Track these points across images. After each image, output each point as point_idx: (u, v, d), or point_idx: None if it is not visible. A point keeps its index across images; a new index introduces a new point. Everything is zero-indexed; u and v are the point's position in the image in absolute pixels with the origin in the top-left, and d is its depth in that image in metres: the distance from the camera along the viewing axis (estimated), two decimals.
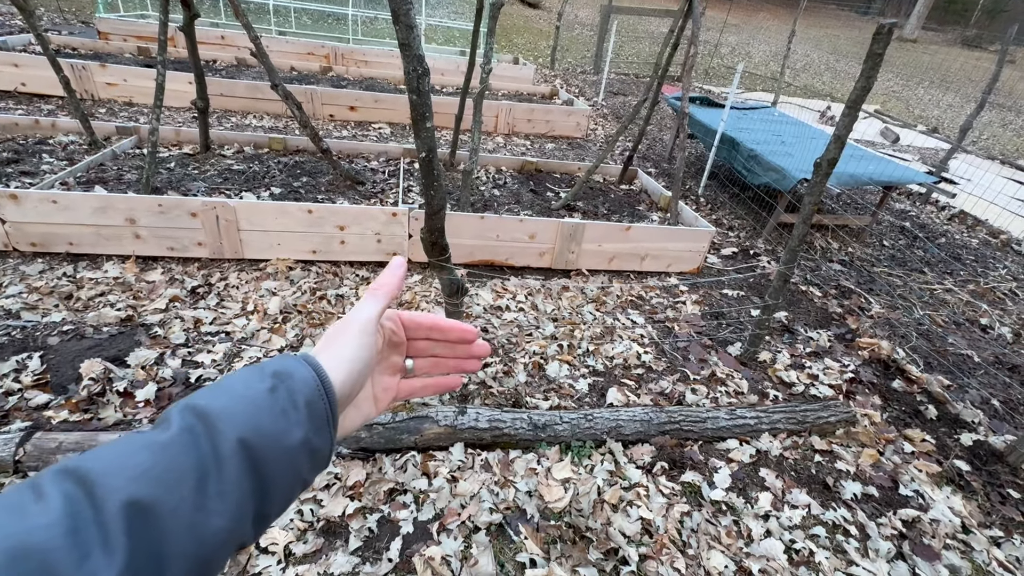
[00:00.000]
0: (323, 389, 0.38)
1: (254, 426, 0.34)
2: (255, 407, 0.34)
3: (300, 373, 0.37)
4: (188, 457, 0.31)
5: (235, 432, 0.33)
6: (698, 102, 5.37)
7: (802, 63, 14.42)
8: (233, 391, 0.35)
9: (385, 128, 5.36)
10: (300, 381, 0.37)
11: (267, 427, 0.34)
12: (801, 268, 3.62)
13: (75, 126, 3.57)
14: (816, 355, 2.73)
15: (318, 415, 0.37)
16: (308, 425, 0.36)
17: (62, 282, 2.46)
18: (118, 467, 0.29)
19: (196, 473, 0.31)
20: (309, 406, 0.37)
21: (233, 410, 0.34)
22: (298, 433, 0.35)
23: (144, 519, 0.28)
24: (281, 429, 0.35)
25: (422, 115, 1.62)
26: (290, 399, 0.36)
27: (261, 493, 0.34)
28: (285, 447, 0.35)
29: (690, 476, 1.95)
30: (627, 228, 3.12)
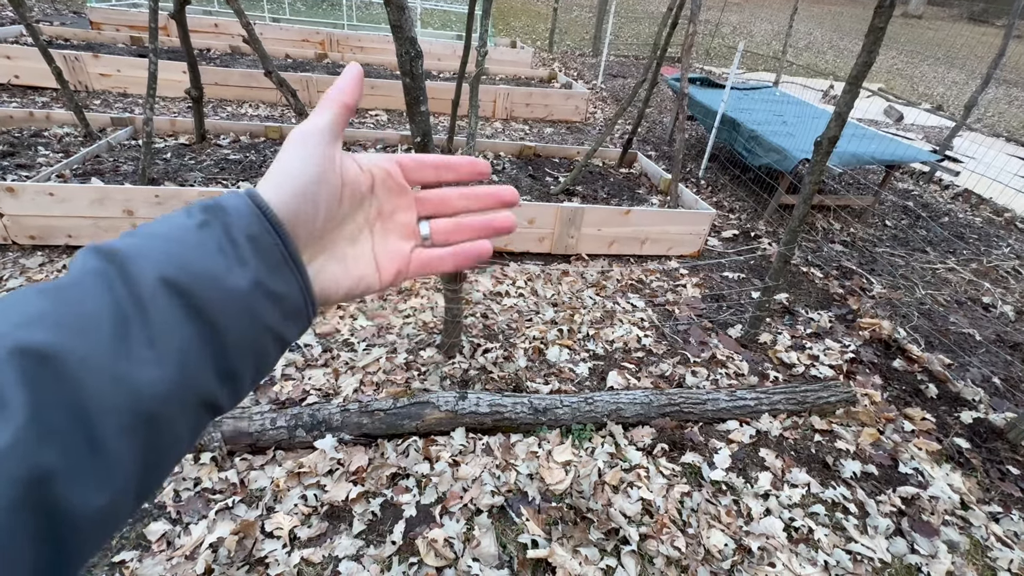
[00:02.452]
0: (266, 220, 0.32)
1: (180, 264, 0.28)
2: (180, 244, 0.29)
3: (233, 204, 0.31)
4: (96, 301, 0.26)
5: (155, 271, 0.27)
6: (698, 83, 5.30)
7: (804, 42, 14.19)
8: (152, 231, 0.30)
9: (382, 115, 5.31)
10: (235, 213, 0.31)
11: (198, 265, 0.29)
12: (802, 249, 3.60)
13: (70, 118, 3.55)
14: (817, 336, 2.73)
15: (267, 251, 0.31)
16: (256, 263, 0.31)
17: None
18: (5, 314, 0.24)
19: (111, 319, 0.26)
20: (252, 241, 0.31)
21: (151, 248, 0.28)
22: (244, 273, 0.30)
23: (45, 368, 0.23)
24: (219, 268, 0.29)
25: (416, 99, 1.60)
26: (226, 234, 0.30)
27: (213, 342, 0.29)
28: (229, 289, 0.30)
29: (690, 457, 1.96)
30: (626, 212, 3.11)
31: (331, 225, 0.36)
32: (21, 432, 0.22)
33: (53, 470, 0.22)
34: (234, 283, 0.30)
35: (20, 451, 0.22)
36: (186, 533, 1.53)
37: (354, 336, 2.33)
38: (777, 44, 12.25)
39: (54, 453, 0.23)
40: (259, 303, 0.30)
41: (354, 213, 0.38)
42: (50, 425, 0.23)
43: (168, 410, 0.27)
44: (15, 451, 0.21)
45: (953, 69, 12.60)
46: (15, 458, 0.21)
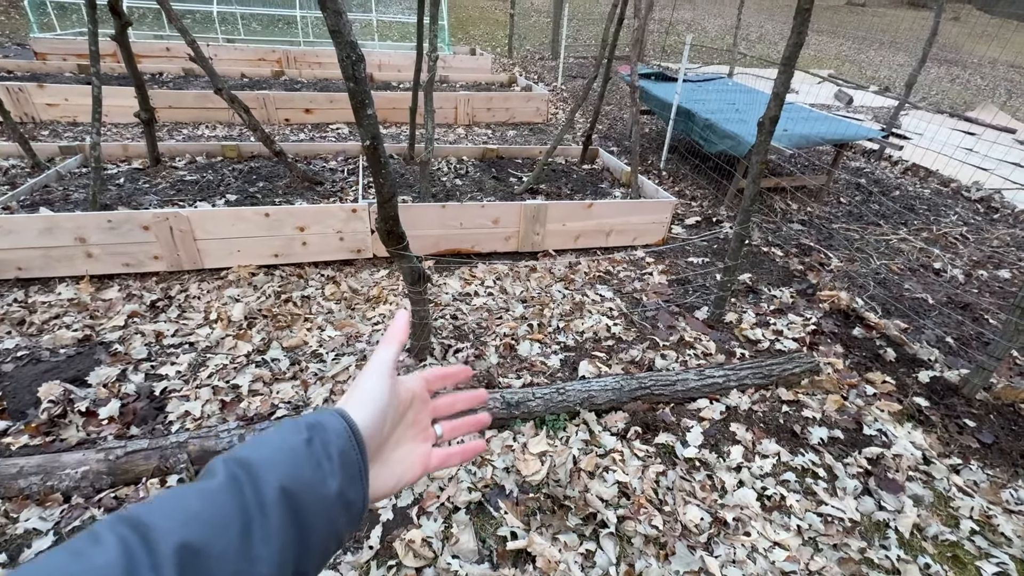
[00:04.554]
0: (354, 439, 0.39)
1: (294, 475, 0.35)
2: (293, 457, 0.36)
3: (332, 424, 0.39)
4: (234, 503, 0.32)
5: (277, 480, 0.34)
6: (652, 77, 5.42)
7: (756, 34, 14.64)
8: (272, 444, 0.37)
9: (343, 128, 5.29)
10: (333, 432, 0.38)
11: (306, 476, 0.36)
12: (763, 230, 3.70)
13: (15, 149, 3.44)
14: (780, 312, 2.80)
15: (350, 465, 0.39)
16: (342, 475, 0.38)
17: (13, 308, 2.39)
18: (170, 512, 0.31)
19: (241, 518, 0.32)
20: (342, 456, 0.38)
21: (274, 460, 0.35)
22: (333, 484, 0.37)
23: (195, 561, 0.29)
24: (318, 479, 0.36)
25: (362, 102, 1.61)
26: (324, 450, 0.37)
27: (301, 543, 0.35)
28: (322, 496, 0.36)
29: (663, 437, 1.99)
30: (589, 205, 3.15)
31: (388, 437, 0.46)
32: None
33: None
34: (326, 491, 0.37)
35: None
36: None
37: (323, 347, 2.31)
38: (730, 38, 12.61)
39: None
40: (337, 509, 0.37)
41: (398, 424, 0.48)
42: None
43: None
44: None
45: (899, 52, 13.15)
46: None
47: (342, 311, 2.56)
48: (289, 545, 0.34)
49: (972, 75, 11.08)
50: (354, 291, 2.72)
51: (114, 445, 1.70)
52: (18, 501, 1.59)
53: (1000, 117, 7.14)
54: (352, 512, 0.39)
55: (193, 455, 1.70)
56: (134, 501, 1.62)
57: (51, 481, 1.61)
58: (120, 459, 1.65)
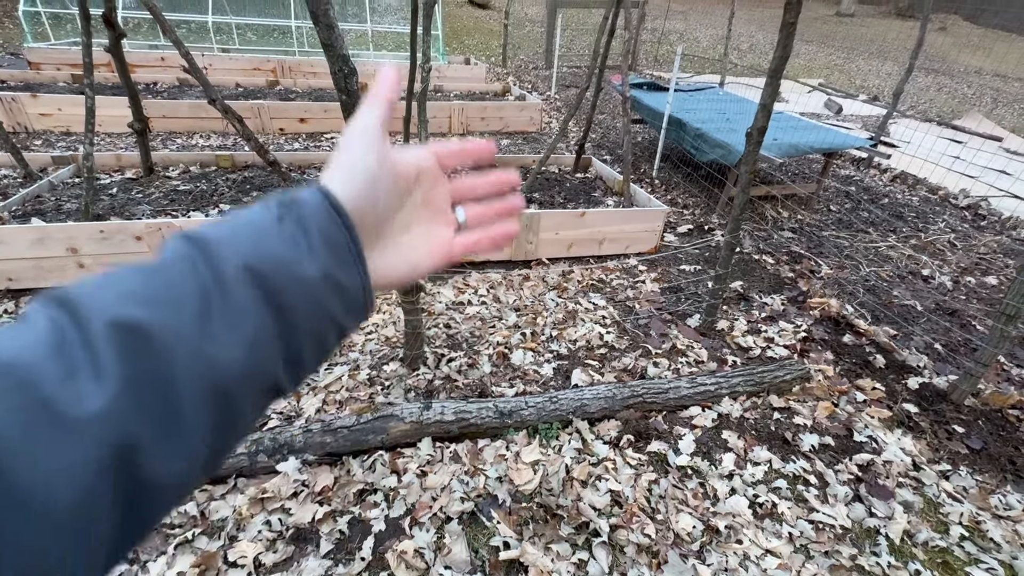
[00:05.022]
0: (335, 215, 0.33)
1: (260, 253, 0.30)
2: (259, 233, 0.31)
3: (309, 199, 0.33)
4: (185, 282, 0.28)
5: (239, 258, 0.29)
6: (644, 87, 5.48)
7: (748, 44, 14.84)
8: (235, 222, 0.31)
9: (338, 137, 5.30)
10: (309, 208, 0.32)
11: (276, 254, 0.30)
12: (754, 238, 3.74)
13: (7, 159, 3.43)
14: (771, 319, 2.83)
15: (336, 244, 0.33)
16: (326, 256, 0.32)
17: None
18: (104, 290, 0.26)
19: (197, 299, 0.27)
20: (323, 234, 0.32)
21: (235, 237, 0.30)
22: (314, 264, 0.31)
23: (139, 341, 0.25)
24: (293, 258, 0.31)
25: (356, 111, 1.63)
26: (299, 227, 0.32)
27: (284, 328, 0.30)
28: (301, 278, 0.31)
29: (656, 445, 2.00)
30: (582, 214, 3.18)
31: (387, 216, 0.38)
32: (114, 401, 0.23)
33: (140, 437, 0.24)
34: (305, 272, 0.31)
35: (113, 419, 0.23)
36: (144, 572, 1.48)
37: None
38: (722, 48, 12.78)
39: (142, 422, 0.24)
40: (326, 294, 0.32)
41: (404, 203, 0.40)
42: (140, 395, 0.24)
43: (240, 389, 0.28)
44: (108, 419, 0.23)
45: (887, 62, 13.36)
46: (108, 425, 0.23)
47: None
48: (264, 327, 0.29)
49: (959, 84, 11.27)
50: None
51: None
52: None
53: (986, 125, 7.26)
54: (348, 298, 0.34)
55: None
56: None
57: None
58: None
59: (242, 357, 0.28)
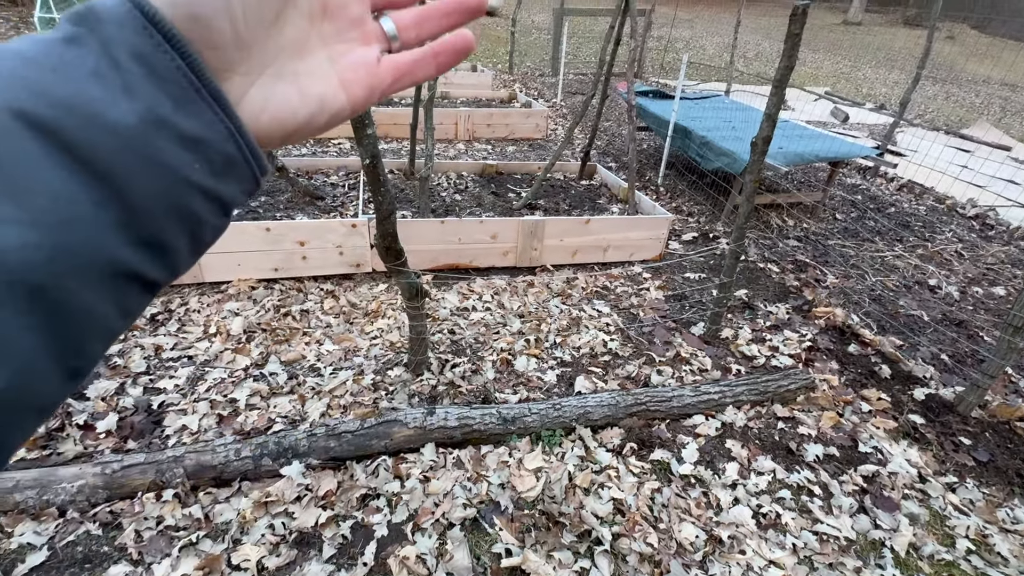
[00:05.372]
0: (157, 32, 0.23)
1: (38, 92, 0.21)
2: (37, 66, 0.21)
3: (110, 9, 0.22)
4: None
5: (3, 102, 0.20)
6: (650, 95, 5.50)
7: (754, 52, 14.86)
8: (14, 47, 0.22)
9: (345, 143, 5.35)
10: (114, 24, 0.22)
11: (64, 93, 0.21)
12: (759, 246, 3.73)
13: None
14: (776, 328, 2.82)
15: (164, 76, 0.23)
16: (150, 92, 0.22)
17: None
18: None
19: None
20: (140, 61, 0.22)
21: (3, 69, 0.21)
22: (132, 106, 0.22)
23: None
24: (95, 98, 0.21)
25: (362, 122, 1.65)
26: (104, 53, 0.22)
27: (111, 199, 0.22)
28: (113, 127, 0.22)
29: (659, 454, 2.00)
30: (587, 221, 3.19)
31: (259, 33, 0.26)
32: None
33: None
34: (119, 118, 0.22)
35: None
36: (148, 574, 1.49)
37: (320, 361, 2.32)
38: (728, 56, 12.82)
39: None
40: (164, 148, 0.23)
41: (288, 12, 0.27)
42: None
43: (61, 281, 0.21)
44: None
45: (894, 70, 13.34)
46: None
47: (340, 325, 2.58)
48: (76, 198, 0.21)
49: (967, 93, 11.23)
50: (353, 305, 2.74)
51: (111, 459, 1.70)
52: (13, 515, 1.59)
53: (994, 134, 7.23)
54: (209, 151, 0.24)
55: (189, 470, 1.71)
56: (129, 516, 1.62)
57: (47, 495, 1.61)
58: (116, 473, 1.66)
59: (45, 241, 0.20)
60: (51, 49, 0.22)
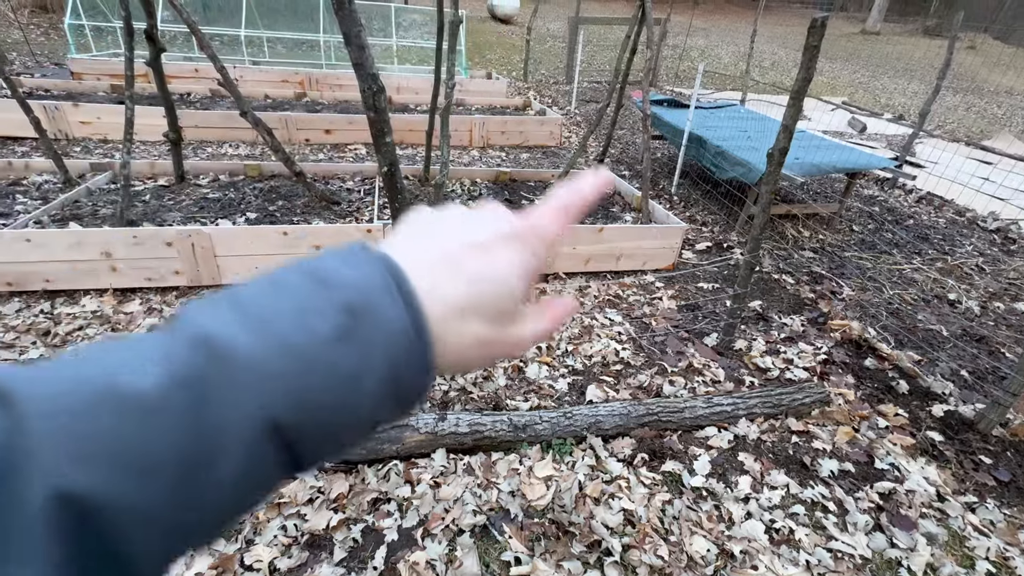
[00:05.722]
0: (419, 351, 0.24)
1: (299, 402, 0.21)
2: (306, 369, 0.21)
3: (386, 317, 0.23)
4: (178, 438, 0.20)
5: (262, 407, 0.21)
6: (665, 104, 5.50)
7: (770, 61, 14.79)
8: (275, 328, 0.22)
9: (361, 149, 5.42)
10: (384, 332, 0.23)
11: (320, 403, 0.22)
12: (774, 257, 3.70)
13: (49, 165, 3.59)
14: (790, 340, 2.79)
15: (405, 390, 0.24)
16: (385, 403, 0.24)
17: (39, 319, 2.47)
18: (64, 428, 0.19)
19: (185, 465, 0.20)
20: (394, 375, 0.23)
21: (270, 366, 0.21)
22: (364, 412, 0.23)
23: (84, 521, 0.19)
24: (341, 406, 0.22)
25: (381, 131, 1.68)
26: (364, 359, 0.22)
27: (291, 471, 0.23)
28: (336, 429, 0.23)
29: (670, 465, 1.98)
30: (600, 229, 3.19)
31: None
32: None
33: None
34: (346, 421, 0.23)
35: None
36: None
37: None
38: (744, 65, 12.77)
39: None
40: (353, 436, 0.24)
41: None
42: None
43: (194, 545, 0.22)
44: None
45: (913, 80, 13.18)
46: None
47: None
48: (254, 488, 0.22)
49: (989, 104, 11.05)
50: None
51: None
52: None
53: (1017, 146, 7.09)
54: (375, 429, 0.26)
55: None
56: None
57: None
58: None
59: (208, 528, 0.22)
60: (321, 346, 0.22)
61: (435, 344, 0.25)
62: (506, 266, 0.28)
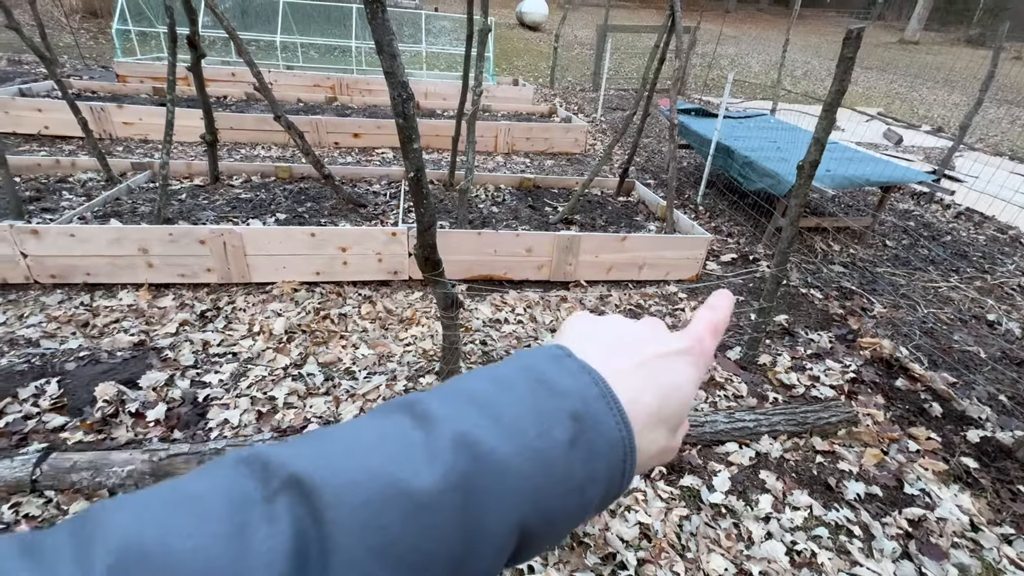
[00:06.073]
0: (629, 459, 0.26)
1: (542, 507, 0.23)
2: (548, 475, 0.23)
3: (607, 427, 0.25)
4: (449, 535, 0.21)
5: (518, 509, 0.23)
6: (692, 113, 5.45)
7: (802, 70, 14.50)
8: (524, 433, 0.24)
9: (388, 153, 5.52)
10: (606, 441, 0.25)
11: (555, 508, 0.24)
12: (802, 271, 3.61)
13: (93, 164, 3.76)
14: (817, 357, 2.72)
15: (613, 487, 0.26)
16: (596, 507, 0.26)
17: (79, 311, 2.58)
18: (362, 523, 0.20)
19: (452, 563, 0.22)
20: (609, 483, 0.26)
21: (523, 473, 0.23)
22: (580, 518, 0.26)
23: None
24: (568, 512, 0.24)
25: (409, 137, 1.71)
26: (588, 467, 0.25)
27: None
28: (560, 531, 0.25)
29: (689, 480, 1.95)
30: (623, 238, 3.17)
31: None
32: None
33: None
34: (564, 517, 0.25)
35: None
36: None
37: (356, 364, 2.39)
38: (775, 74, 12.54)
39: None
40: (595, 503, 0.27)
41: None
42: None
43: None
44: None
45: (954, 92, 12.74)
46: None
47: (376, 330, 2.65)
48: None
49: None
50: (389, 311, 2.81)
51: (158, 447, 1.80)
52: (69, 494, 1.70)
53: None
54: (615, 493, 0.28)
55: None
56: None
57: (99, 477, 1.72)
58: (163, 461, 1.75)
59: None
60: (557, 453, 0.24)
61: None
62: (687, 378, 0.30)
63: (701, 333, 0.34)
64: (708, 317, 0.35)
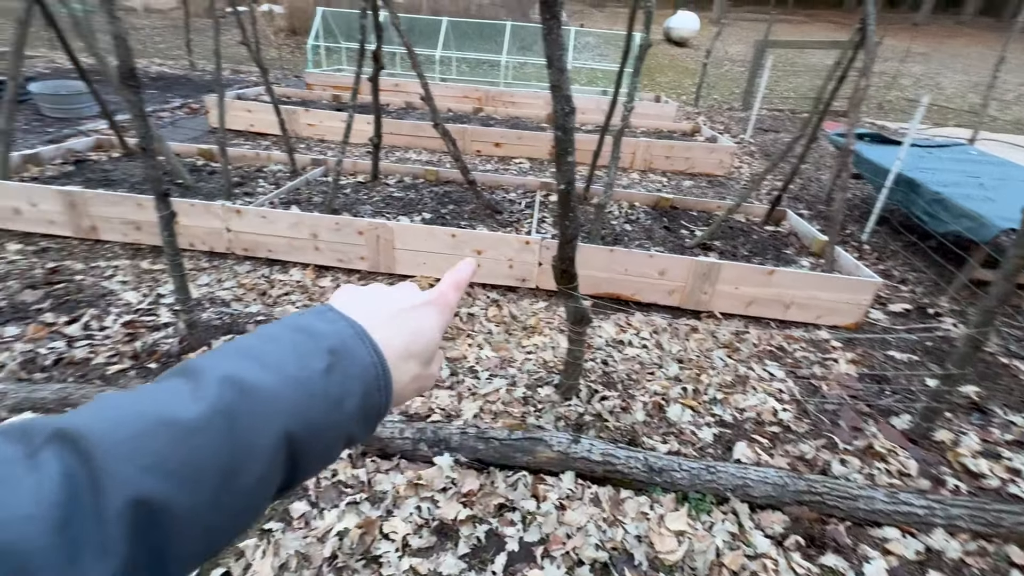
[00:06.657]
0: (383, 380, 0.34)
1: (304, 420, 0.29)
2: (308, 395, 0.30)
3: (360, 355, 0.33)
4: (218, 451, 0.26)
5: (281, 424, 0.28)
6: (867, 139, 4.80)
7: (1014, 94, 12.04)
8: (284, 368, 0.30)
9: (525, 163, 5.69)
10: (359, 366, 0.33)
11: (317, 420, 0.30)
12: (1003, 336, 2.96)
13: (283, 158, 4.42)
14: (1019, 444, 2.19)
15: (372, 410, 0.34)
16: (357, 419, 0.32)
17: (260, 281, 3.04)
18: (130, 450, 0.24)
19: (222, 472, 0.26)
20: (365, 398, 0.33)
21: (283, 396, 0.29)
22: (345, 427, 0.32)
23: (150, 521, 0.23)
24: (331, 423, 0.31)
25: (565, 150, 1.72)
26: (344, 386, 0.31)
27: (288, 482, 0.31)
28: (328, 440, 0.31)
29: (832, 560, 1.69)
30: (770, 272, 2.88)
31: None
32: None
33: None
34: (335, 434, 0.31)
35: None
36: (320, 517, 1.73)
37: (479, 364, 2.47)
38: (975, 97, 10.55)
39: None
40: (338, 448, 0.33)
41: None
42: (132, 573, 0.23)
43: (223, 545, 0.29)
44: None
45: None
46: None
47: (500, 334, 2.72)
48: (273, 488, 0.29)
49: None
50: (513, 317, 2.87)
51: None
52: None
53: None
54: (349, 446, 0.34)
55: None
56: None
57: None
58: None
59: (242, 523, 0.28)
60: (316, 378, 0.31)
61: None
62: (430, 323, 0.40)
63: (444, 288, 0.44)
64: (452, 277, 0.45)
